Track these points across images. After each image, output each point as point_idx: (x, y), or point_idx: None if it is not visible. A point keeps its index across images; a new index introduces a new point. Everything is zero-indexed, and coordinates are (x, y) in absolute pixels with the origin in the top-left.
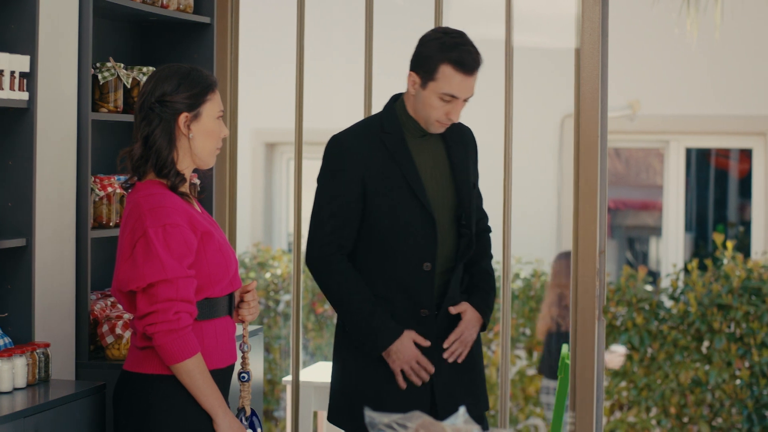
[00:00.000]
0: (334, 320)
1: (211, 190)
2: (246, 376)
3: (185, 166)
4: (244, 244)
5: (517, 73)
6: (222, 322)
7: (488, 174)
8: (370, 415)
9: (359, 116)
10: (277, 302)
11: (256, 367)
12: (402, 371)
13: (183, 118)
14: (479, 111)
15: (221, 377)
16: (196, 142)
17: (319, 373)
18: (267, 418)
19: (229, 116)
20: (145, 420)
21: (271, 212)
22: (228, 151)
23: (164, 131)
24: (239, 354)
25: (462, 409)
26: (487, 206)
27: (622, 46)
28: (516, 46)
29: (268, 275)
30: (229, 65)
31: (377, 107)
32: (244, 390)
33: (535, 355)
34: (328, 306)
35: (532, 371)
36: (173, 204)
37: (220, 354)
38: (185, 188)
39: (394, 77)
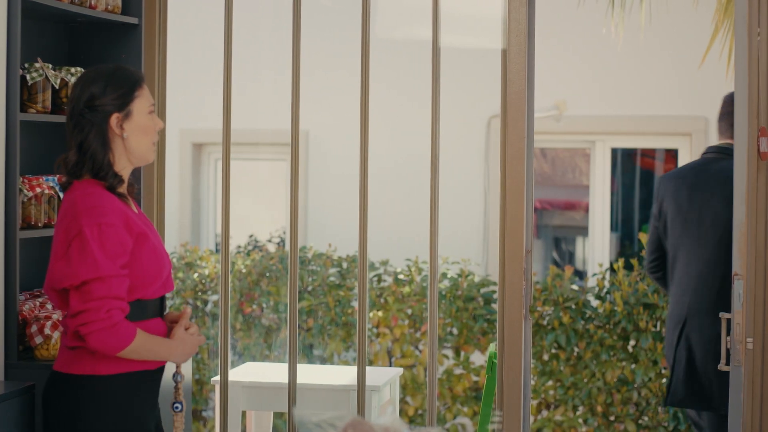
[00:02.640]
0: (262, 320)
1: (139, 190)
2: (179, 407)
3: (122, 166)
4: (171, 244)
5: (444, 73)
6: (153, 323)
7: (415, 174)
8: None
9: (286, 117)
10: (205, 302)
11: (184, 367)
12: None
13: (114, 119)
14: (406, 111)
15: (151, 378)
16: (131, 141)
17: (248, 373)
18: (195, 418)
19: (158, 116)
20: (74, 420)
21: (198, 213)
22: (156, 150)
23: (97, 135)
24: (172, 383)
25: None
26: (414, 207)
27: (549, 46)
28: (443, 46)
29: (195, 275)
30: (157, 65)
31: (305, 108)
32: (177, 420)
33: (462, 354)
34: (255, 306)
35: (459, 371)
36: (110, 204)
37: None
38: (123, 189)
39: (321, 77)
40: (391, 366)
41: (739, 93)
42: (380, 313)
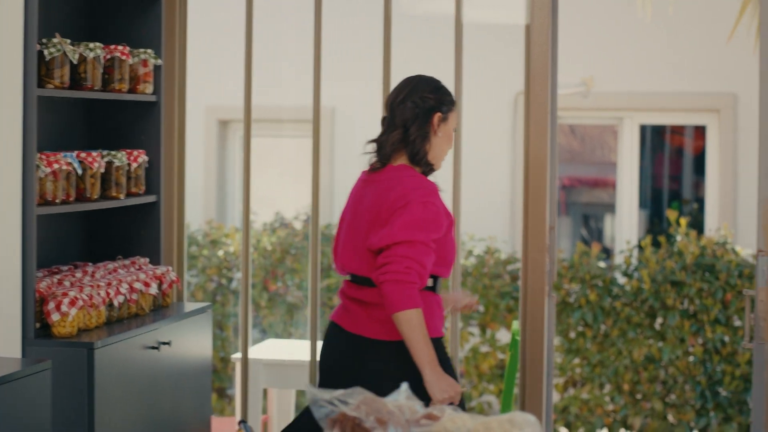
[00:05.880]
0: (287, 298)
1: (159, 166)
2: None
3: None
4: (196, 222)
5: (470, 50)
6: (439, 298)
7: None
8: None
9: (309, 94)
10: (230, 280)
11: (205, 345)
12: None
13: (437, 117)
14: None
15: (434, 345)
16: (437, 141)
17: (269, 350)
18: (220, 396)
19: (177, 93)
20: (381, 380)
21: (224, 190)
22: (177, 127)
23: (421, 125)
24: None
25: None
26: (439, 183)
27: (576, 22)
28: (467, 22)
29: (221, 253)
30: (177, 41)
31: (331, 84)
32: None
33: (488, 332)
34: (280, 283)
35: (485, 348)
36: (433, 187)
37: (436, 324)
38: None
39: (348, 54)
40: None
41: (764, 68)
42: None
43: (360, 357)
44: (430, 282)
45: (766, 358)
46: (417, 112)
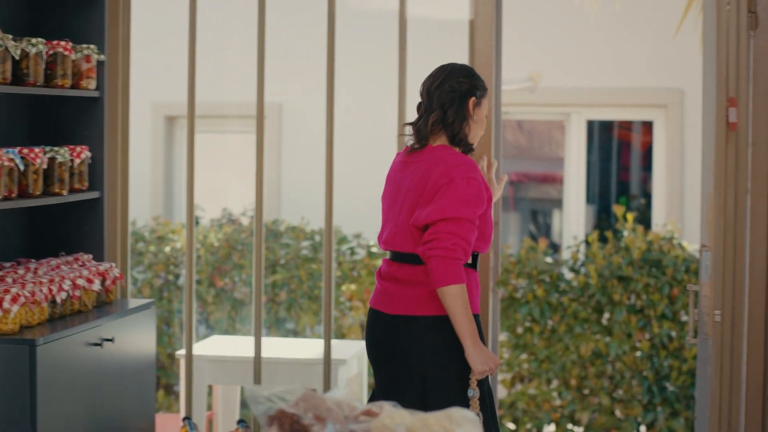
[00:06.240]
0: (234, 294)
1: (102, 162)
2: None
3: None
4: (143, 218)
5: (417, 46)
6: (477, 275)
7: (390, 147)
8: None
9: (252, 89)
10: (177, 276)
11: (148, 341)
12: None
13: (471, 102)
14: (382, 83)
15: (476, 320)
16: (473, 124)
17: (214, 346)
18: (167, 392)
19: (121, 88)
20: (425, 355)
21: (171, 186)
22: (120, 122)
23: (459, 107)
24: None
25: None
26: (381, 180)
27: (524, 17)
28: (413, 18)
29: (168, 249)
30: (121, 37)
31: (279, 81)
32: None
33: None
34: (227, 279)
35: None
36: (473, 164)
37: (474, 301)
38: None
39: (290, 49)
40: (363, 339)
41: (707, 64)
42: (353, 287)
43: (399, 335)
44: (472, 260)
45: (710, 354)
46: (453, 95)
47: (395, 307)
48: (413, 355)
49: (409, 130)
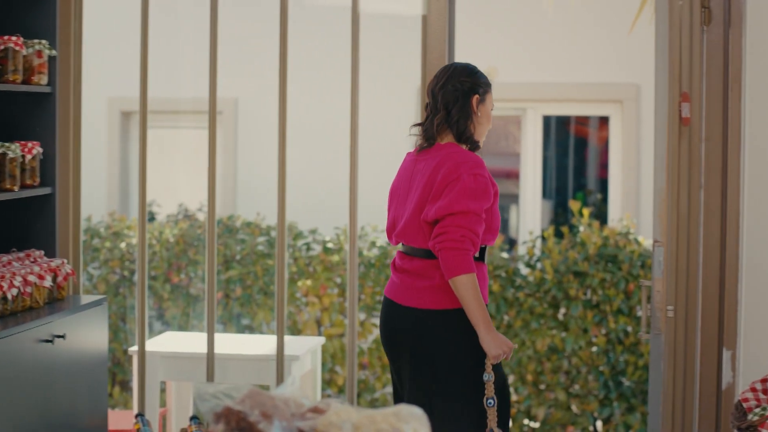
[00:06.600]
0: (190, 290)
1: (54, 158)
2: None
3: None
4: (99, 214)
5: (371, 41)
6: (485, 267)
7: (345, 143)
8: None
9: (205, 85)
10: (133, 272)
11: (100, 337)
12: None
13: (475, 99)
14: (337, 79)
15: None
16: (478, 121)
17: (167, 342)
18: (123, 389)
19: (73, 84)
20: (443, 345)
21: (127, 181)
22: (72, 118)
23: (462, 106)
24: None
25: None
26: (342, 175)
27: (479, 13)
28: (367, 13)
29: (123, 245)
30: (73, 32)
31: (234, 76)
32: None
33: None
34: (183, 275)
35: None
36: (480, 160)
37: (483, 292)
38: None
39: (245, 44)
40: (320, 335)
41: (659, 59)
42: (309, 282)
43: (413, 325)
44: (480, 253)
45: (662, 349)
46: (457, 95)
47: (408, 298)
48: (425, 344)
49: (416, 130)
